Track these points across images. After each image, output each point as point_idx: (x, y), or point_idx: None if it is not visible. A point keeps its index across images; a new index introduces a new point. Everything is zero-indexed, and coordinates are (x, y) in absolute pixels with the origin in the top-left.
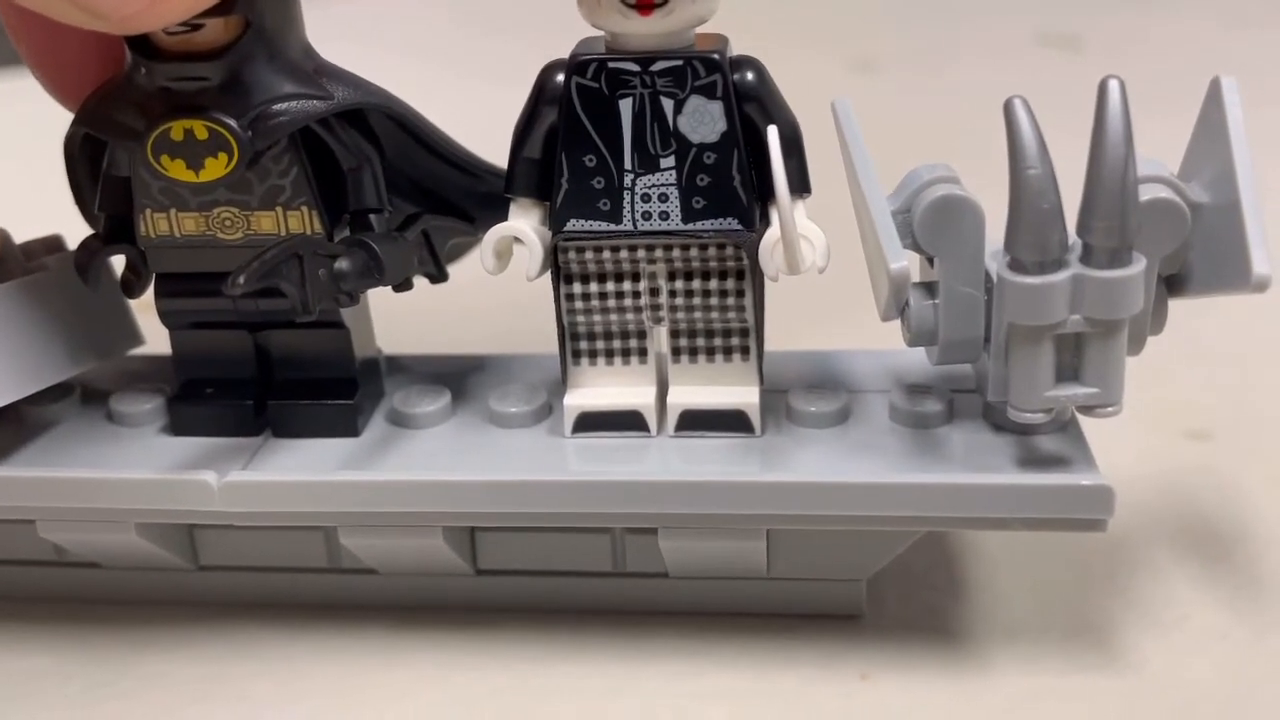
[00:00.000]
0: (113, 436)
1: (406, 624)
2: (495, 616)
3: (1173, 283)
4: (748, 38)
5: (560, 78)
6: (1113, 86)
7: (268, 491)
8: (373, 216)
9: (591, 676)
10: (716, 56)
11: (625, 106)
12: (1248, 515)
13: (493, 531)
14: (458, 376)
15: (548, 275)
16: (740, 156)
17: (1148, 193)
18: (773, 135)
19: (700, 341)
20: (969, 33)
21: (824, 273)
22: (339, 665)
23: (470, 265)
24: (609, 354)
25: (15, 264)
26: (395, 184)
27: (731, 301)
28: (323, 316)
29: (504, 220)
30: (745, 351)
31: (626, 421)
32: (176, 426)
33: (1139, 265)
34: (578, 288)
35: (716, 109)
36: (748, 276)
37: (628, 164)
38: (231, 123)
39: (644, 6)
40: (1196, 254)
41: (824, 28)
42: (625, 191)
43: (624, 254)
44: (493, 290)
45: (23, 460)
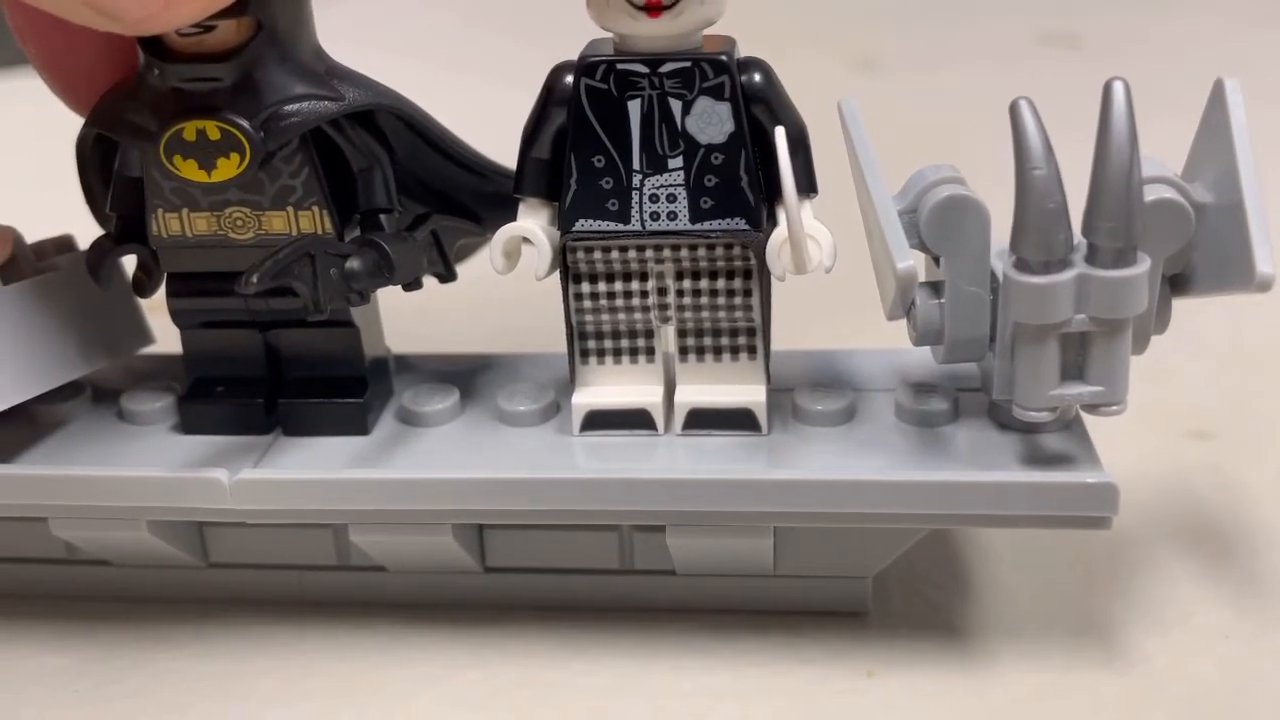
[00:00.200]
0: (124, 435)
1: (414, 621)
2: (503, 613)
3: (1177, 282)
4: (750, 38)
5: (569, 79)
6: (1117, 88)
7: (279, 489)
8: (383, 216)
9: (599, 673)
10: (724, 58)
11: (634, 107)
12: (1250, 514)
13: (501, 529)
14: (466, 375)
15: (556, 275)
16: (748, 157)
17: (1152, 193)
18: (780, 136)
19: (707, 340)
20: (970, 32)
21: (830, 273)
22: (347, 662)
23: (478, 265)
24: (617, 353)
25: (26, 264)
26: (404, 184)
27: (739, 301)
28: (333, 315)
29: (513, 220)
30: (752, 350)
31: (634, 420)
32: (187, 425)
33: (1143, 265)
34: (586, 287)
35: (724, 110)
36: (755, 276)
37: (636, 164)
38: (244, 123)
39: (653, 8)
40: (1200, 254)
41: (825, 28)
42: (633, 192)
43: (632, 254)
44: (500, 290)
45: (35, 458)
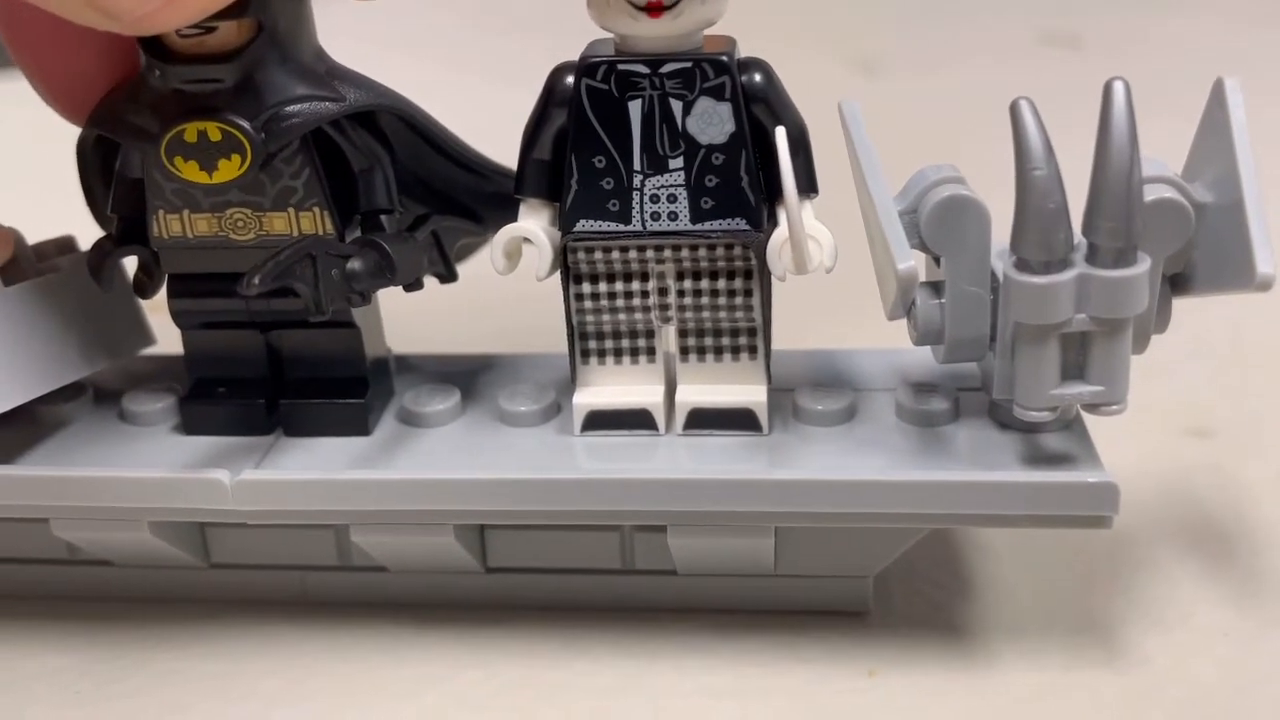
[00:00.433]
0: (125, 436)
1: (417, 621)
2: (504, 614)
3: (1177, 282)
4: (750, 39)
5: (570, 79)
6: (1117, 88)
7: (281, 490)
8: (384, 217)
9: (600, 673)
10: (725, 58)
11: (634, 108)
12: (1250, 513)
13: (502, 529)
14: (467, 376)
15: (556, 275)
16: (748, 157)
17: (1152, 193)
18: (781, 136)
19: (708, 341)
20: (970, 33)
21: (831, 273)
22: (350, 662)
23: (478, 265)
24: (617, 353)
25: (28, 265)
26: (405, 185)
27: (739, 301)
28: (334, 316)
29: (513, 221)
30: (753, 350)
31: (635, 420)
32: (189, 426)
33: (1144, 265)
34: (587, 287)
35: (725, 110)
36: (755, 276)
37: (637, 165)
38: (245, 124)
39: (653, 9)
40: (1200, 253)
41: (825, 29)
42: (634, 192)
43: (633, 254)
44: (501, 290)
45: (36, 459)
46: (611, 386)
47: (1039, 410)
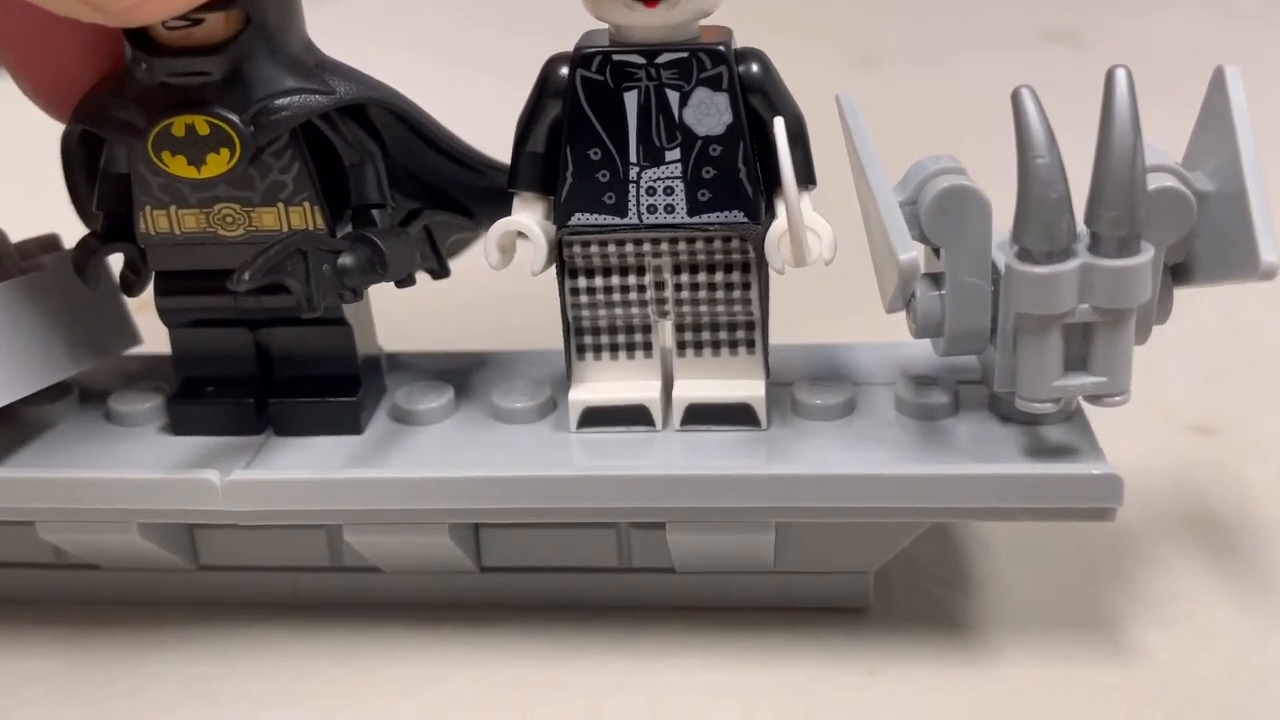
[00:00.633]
0: (112, 436)
1: (410, 621)
2: (499, 613)
3: (1178, 271)
4: (749, 31)
5: (564, 70)
6: (1120, 76)
7: (272, 490)
8: (375, 212)
9: (597, 672)
10: (722, 48)
11: (630, 99)
12: (1255, 509)
13: (497, 528)
14: (460, 373)
15: (551, 270)
16: (746, 149)
17: (1153, 182)
18: (779, 127)
19: (705, 335)
20: (971, 27)
21: (830, 265)
22: (342, 663)
23: (471, 261)
24: (614, 348)
25: (11, 263)
26: (397, 179)
27: (737, 294)
28: (325, 313)
29: (507, 215)
30: (750, 345)
31: (632, 416)
32: (177, 426)
33: (1147, 254)
34: (582, 282)
35: (722, 101)
36: (753, 269)
37: (633, 157)
38: (234, 117)
39: None
40: (1202, 242)
41: (825, 22)
42: (630, 185)
43: (629, 247)
44: (494, 286)
45: (22, 461)
46: (608, 382)
47: (1041, 402)
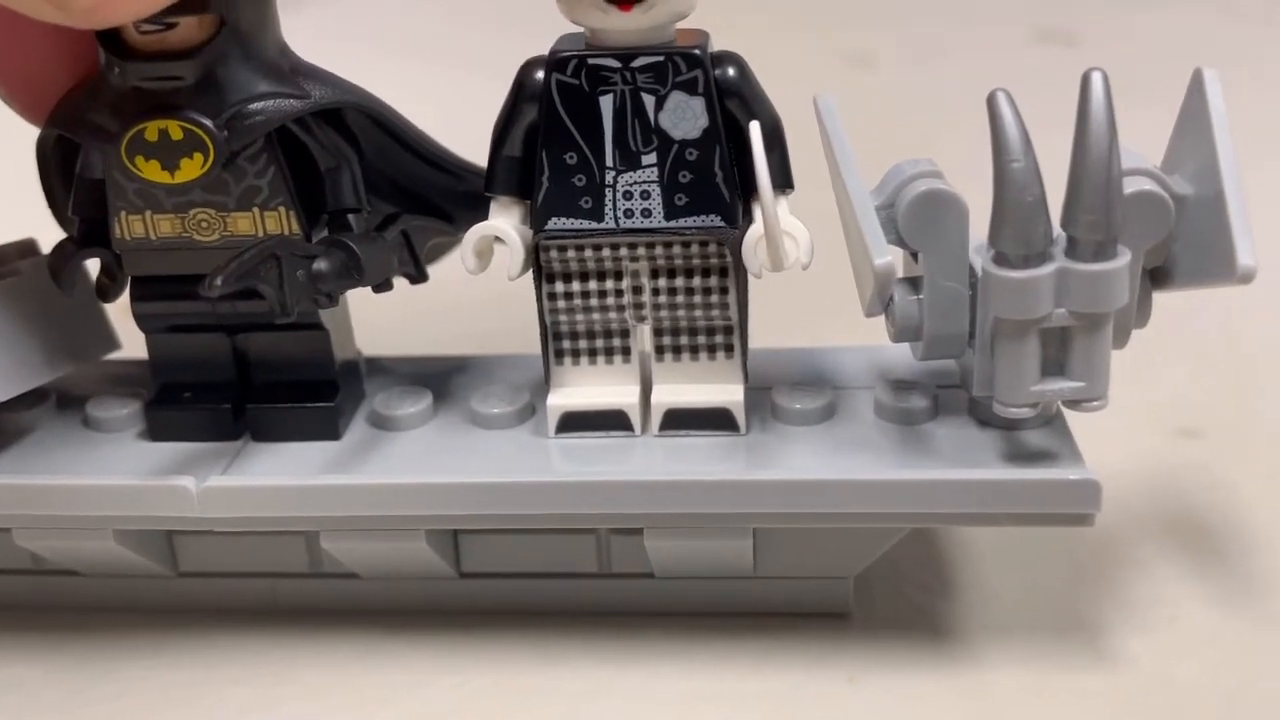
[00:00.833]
0: (90, 442)
1: (388, 628)
2: (478, 619)
3: (1157, 275)
4: (743, 31)
5: (540, 75)
6: (1095, 79)
7: (248, 496)
8: (351, 216)
9: (575, 678)
10: (698, 52)
11: (606, 103)
12: (1237, 514)
13: (476, 534)
14: (439, 378)
15: (528, 274)
16: (722, 152)
17: (1131, 185)
18: (755, 130)
19: (684, 339)
20: (965, 28)
21: (808, 269)
22: (320, 670)
23: (448, 266)
24: (592, 353)
25: None
26: (373, 184)
27: (715, 299)
28: (302, 318)
29: (484, 219)
30: (729, 349)
31: (610, 421)
32: (154, 431)
33: (1124, 258)
34: (560, 286)
35: (698, 105)
36: (731, 274)
37: (609, 161)
38: (207, 122)
39: (625, 2)
40: (1181, 246)
41: (818, 23)
42: (607, 189)
43: (606, 252)
44: (471, 291)
45: None
46: (586, 387)
47: (1019, 407)
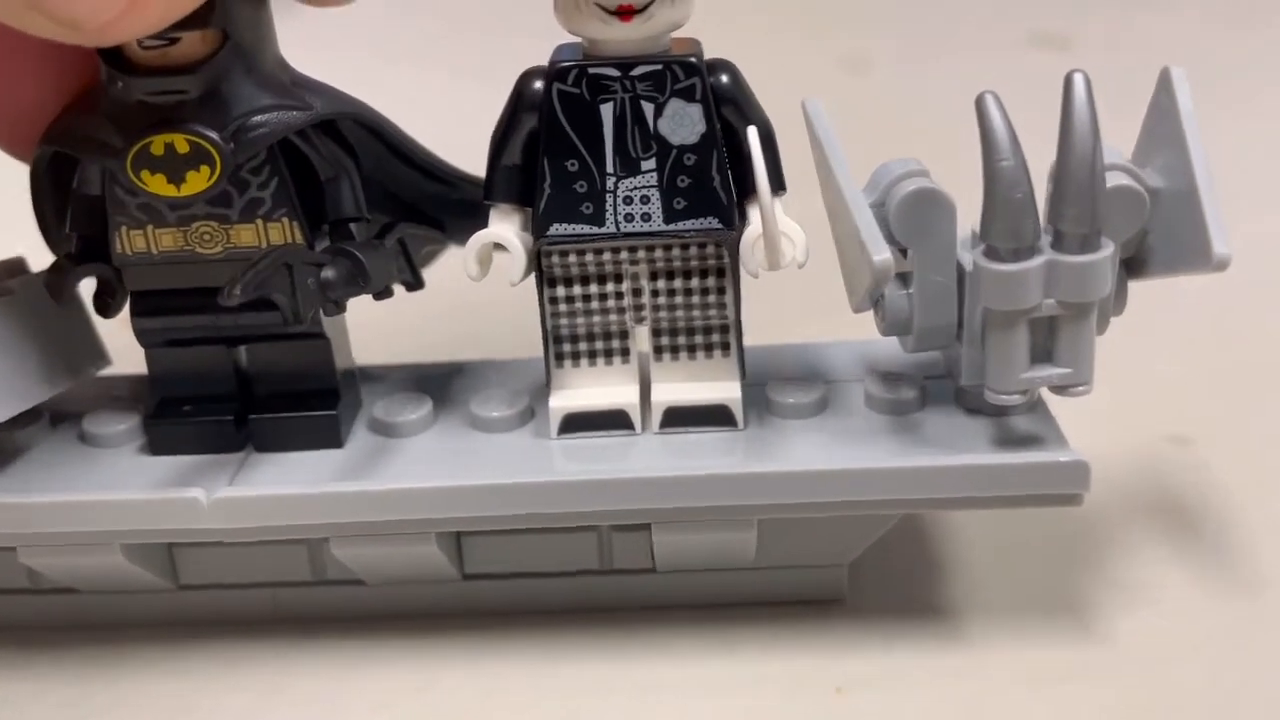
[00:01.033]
0: (90, 458)
1: (390, 632)
2: (478, 620)
3: (1132, 265)
4: (740, 34)
5: (539, 84)
6: (1077, 80)
7: (260, 506)
8: (352, 225)
9: (579, 675)
10: (695, 60)
11: (606, 111)
12: (1220, 497)
13: (479, 535)
14: (437, 384)
15: (523, 279)
16: (719, 157)
17: (1109, 180)
18: (752, 135)
19: (682, 339)
20: (961, 31)
21: (803, 268)
22: (321, 675)
23: (444, 272)
24: (592, 355)
25: None
26: (370, 193)
27: (713, 299)
28: (306, 327)
29: (479, 227)
30: (726, 347)
31: (611, 421)
32: (155, 445)
33: (1108, 250)
34: (561, 291)
35: (696, 111)
36: (728, 274)
37: (609, 167)
38: (214, 135)
39: (625, 12)
40: (1155, 237)
41: (814, 26)
42: (608, 194)
43: (607, 256)
44: (463, 297)
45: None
46: (587, 389)
47: (1010, 393)
